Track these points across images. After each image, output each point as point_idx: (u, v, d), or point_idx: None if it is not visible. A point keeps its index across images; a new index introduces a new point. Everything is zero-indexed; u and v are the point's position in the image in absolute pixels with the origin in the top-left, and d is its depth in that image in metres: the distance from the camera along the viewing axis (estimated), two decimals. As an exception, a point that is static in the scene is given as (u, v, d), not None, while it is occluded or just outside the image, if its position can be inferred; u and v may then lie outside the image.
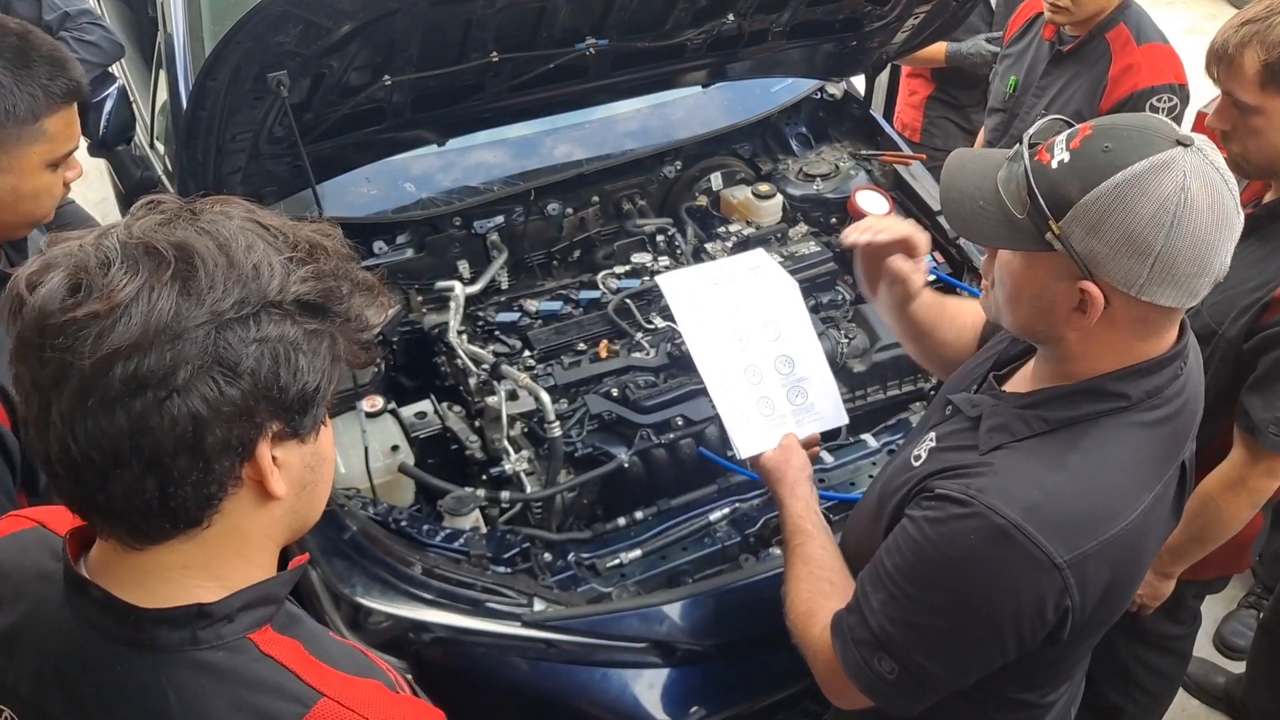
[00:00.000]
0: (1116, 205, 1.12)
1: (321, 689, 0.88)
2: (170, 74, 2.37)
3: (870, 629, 1.30)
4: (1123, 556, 1.25)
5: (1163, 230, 1.11)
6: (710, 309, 1.88)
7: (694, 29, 2.43)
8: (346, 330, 0.88)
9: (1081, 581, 1.21)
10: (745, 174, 3.05)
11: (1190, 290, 1.16)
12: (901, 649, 1.27)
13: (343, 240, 0.92)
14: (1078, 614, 1.23)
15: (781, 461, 1.70)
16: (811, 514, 1.59)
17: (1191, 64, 2.88)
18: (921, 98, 3.85)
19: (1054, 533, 1.19)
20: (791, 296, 1.92)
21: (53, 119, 1.52)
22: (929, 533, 1.25)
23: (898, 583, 1.28)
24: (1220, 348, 1.96)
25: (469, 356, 2.36)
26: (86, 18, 3.16)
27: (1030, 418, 1.27)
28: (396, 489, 2.16)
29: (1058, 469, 1.23)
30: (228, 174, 2.11)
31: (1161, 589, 2.18)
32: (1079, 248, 1.14)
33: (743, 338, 1.85)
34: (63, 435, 0.79)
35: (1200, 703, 2.92)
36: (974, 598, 1.23)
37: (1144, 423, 1.27)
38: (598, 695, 1.90)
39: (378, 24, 1.92)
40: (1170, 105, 2.79)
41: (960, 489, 1.23)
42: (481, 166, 2.78)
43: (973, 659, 1.29)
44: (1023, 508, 1.19)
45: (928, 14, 2.70)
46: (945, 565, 1.23)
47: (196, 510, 0.84)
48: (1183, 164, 1.12)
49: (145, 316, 0.77)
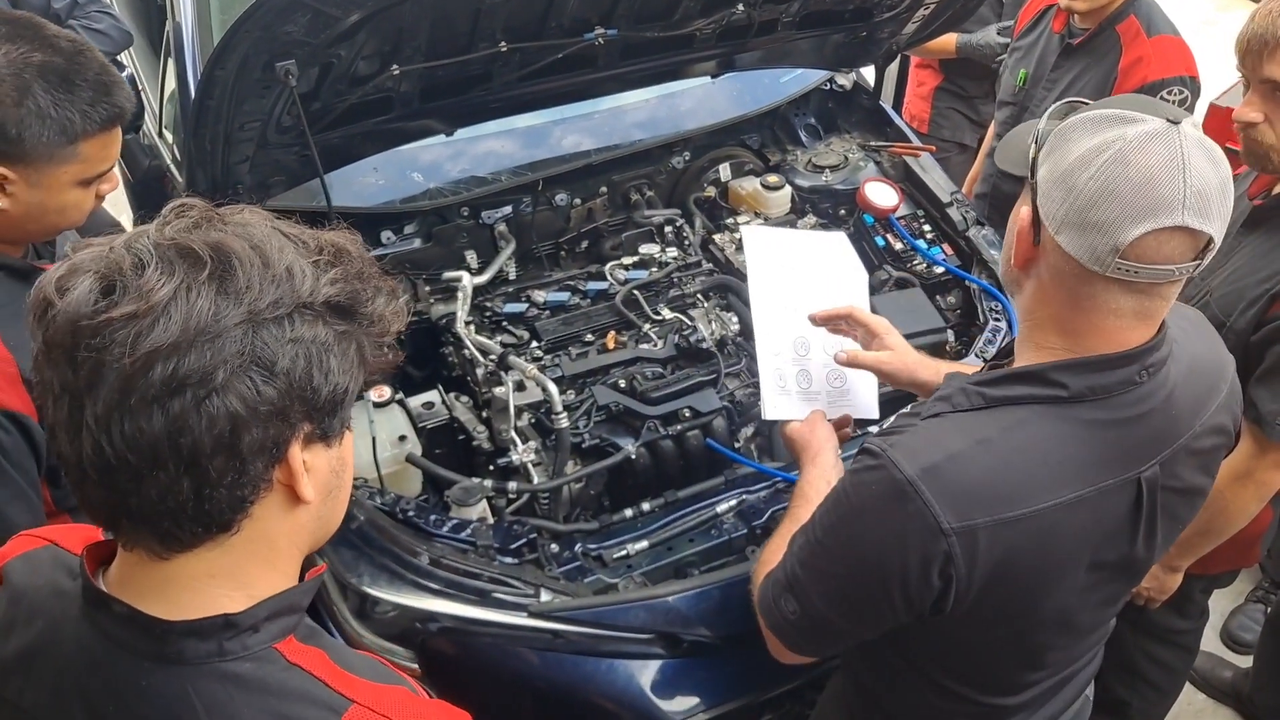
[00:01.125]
0: (1071, 134, 1.17)
1: (351, 696, 0.89)
2: (178, 63, 2.37)
3: (785, 569, 1.38)
4: (1020, 544, 1.23)
5: (1088, 170, 1.14)
6: (781, 272, 1.91)
7: (703, 19, 2.43)
8: (371, 333, 0.89)
9: (968, 553, 1.21)
10: (754, 165, 3.04)
11: (1090, 247, 1.14)
12: (803, 590, 1.34)
13: (362, 244, 0.93)
14: (961, 585, 1.23)
15: (807, 432, 1.74)
16: (821, 482, 1.61)
17: (1204, 56, 2.87)
18: (929, 89, 3.84)
19: (947, 498, 1.20)
20: (859, 287, 1.96)
21: (89, 143, 1.52)
22: (846, 481, 1.31)
23: (815, 528, 1.35)
24: (1228, 340, 1.94)
25: (476, 347, 2.36)
26: (95, 6, 3.17)
27: (971, 392, 1.28)
28: (404, 479, 2.16)
29: (971, 442, 1.23)
30: (235, 163, 2.11)
31: (1169, 582, 2.18)
32: (1037, 174, 1.20)
33: (800, 309, 1.87)
34: (97, 437, 0.78)
35: (1207, 697, 2.92)
36: (865, 547, 1.27)
37: (1081, 419, 1.25)
38: (604, 686, 1.90)
39: (386, 13, 1.91)
40: (1181, 98, 2.78)
41: (877, 444, 1.27)
42: (489, 156, 2.78)
43: (864, 610, 1.32)
44: (922, 467, 1.21)
45: (938, 4, 2.69)
46: (848, 512, 1.29)
47: (230, 513, 0.84)
48: (1148, 127, 1.13)
49: (185, 316, 0.78)
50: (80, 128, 1.49)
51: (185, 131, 2.21)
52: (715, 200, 2.96)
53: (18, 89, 1.44)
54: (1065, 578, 1.31)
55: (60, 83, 1.48)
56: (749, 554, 2.04)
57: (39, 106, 1.46)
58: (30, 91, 1.45)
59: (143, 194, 3.29)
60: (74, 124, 1.48)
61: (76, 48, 1.52)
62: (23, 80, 1.45)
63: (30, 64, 1.46)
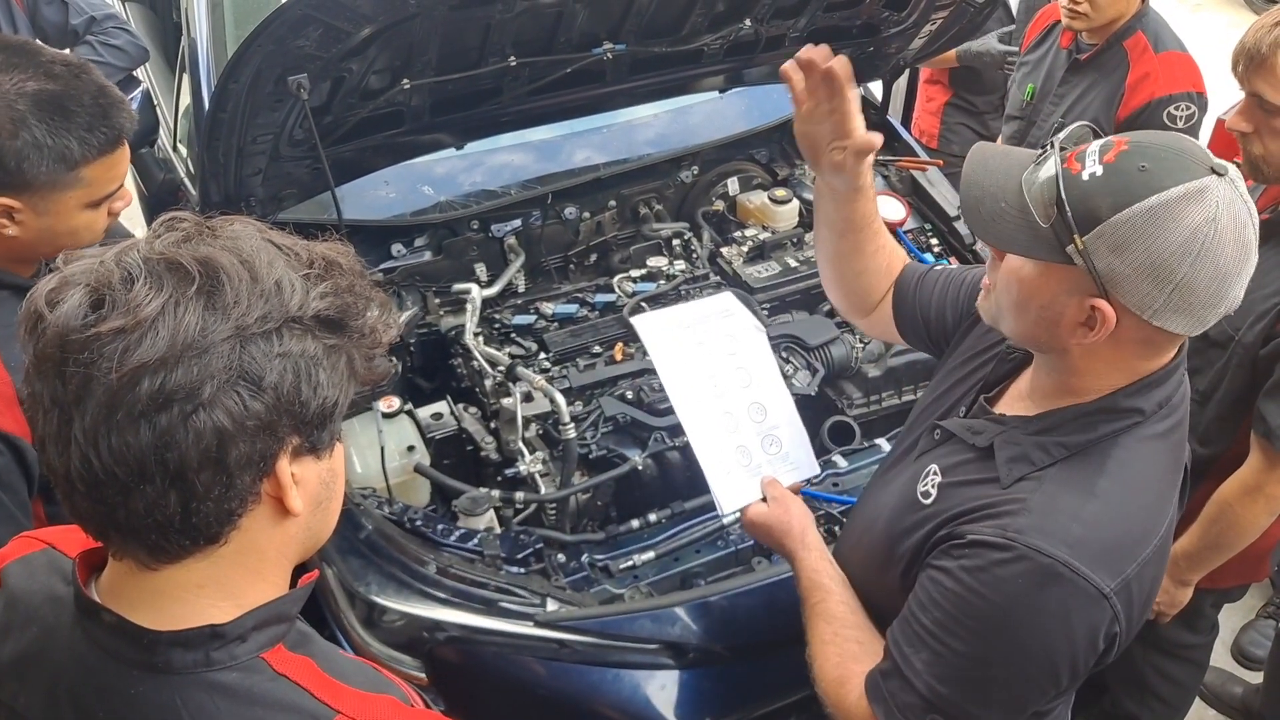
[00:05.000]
0: (1146, 229, 1.09)
1: (337, 706, 0.88)
2: (193, 78, 2.40)
3: (917, 691, 1.25)
4: (1156, 572, 1.26)
5: (1188, 260, 1.08)
6: (686, 352, 1.82)
7: (711, 34, 2.44)
8: (361, 346, 0.89)
9: (1127, 605, 1.20)
10: (761, 179, 3.06)
11: (1201, 320, 1.14)
12: (956, 706, 1.24)
13: (354, 256, 0.93)
14: (1124, 637, 1.22)
15: (782, 513, 1.60)
16: (826, 564, 1.51)
17: (1211, 72, 2.87)
18: (939, 104, 3.85)
19: (1099, 563, 1.17)
20: (760, 343, 1.87)
21: (91, 167, 1.50)
22: (970, 583, 1.21)
23: (941, 639, 1.23)
24: (1237, 354, 1.95)
25: (485, 358, 2.38)
26: (112, 22, 3.21)
27: (1049, 444, 1.25)
28: (412, 489, 2.18)
29: (1090, 497, 1.21)
30: (248, 176, 2.13)
31: (1179, 597, 2.17)
32: (1100, 265, 1.11)
33: (717, 383, 1.80)
34: (85, 451, 0.78)
35: (1217, 712, 2.89)
36: (1028, 642, 1.20)
37: (1157, 434, 1.26)
38: (609, 696, 1.90)
39: (397, 28, 1.94)
40: (1188, 114, 2.78)
41: (996, 532, 1.20)
42: (499, 170, 2.80)
43: (1029, 700, 1.26)
44: (1066, 544, 1.17)
45: (945, 20, 2.70)
46: (994, 613, 1.19)
47: (217, 526, 0.84)
48: (1216, 194, 1.09)
49: (172, 331, 0.77)
50: (79, 154, 1.48)
51: (199, 144, 2.24)
52: (723, 214, 2.98)
53: (13, 120, 1.43)
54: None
55: (56, 110, 1.46)
56: (755, 565, 2.04)
57: (35, 137, 1.44)
58: (25, 123, 1.44)
59: (157, 207, 3.32)
60: (72, 151, 1.47)
61: (73, 72, 1.50)
62: (16, 112, 1.43)
63: (24, 93, 1.44)
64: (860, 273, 1.62)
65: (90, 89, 1.51)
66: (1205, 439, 2.06)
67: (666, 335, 1.84)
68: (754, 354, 1.85)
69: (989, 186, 1.22)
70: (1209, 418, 2.04)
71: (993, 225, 1.21)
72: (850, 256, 1.62)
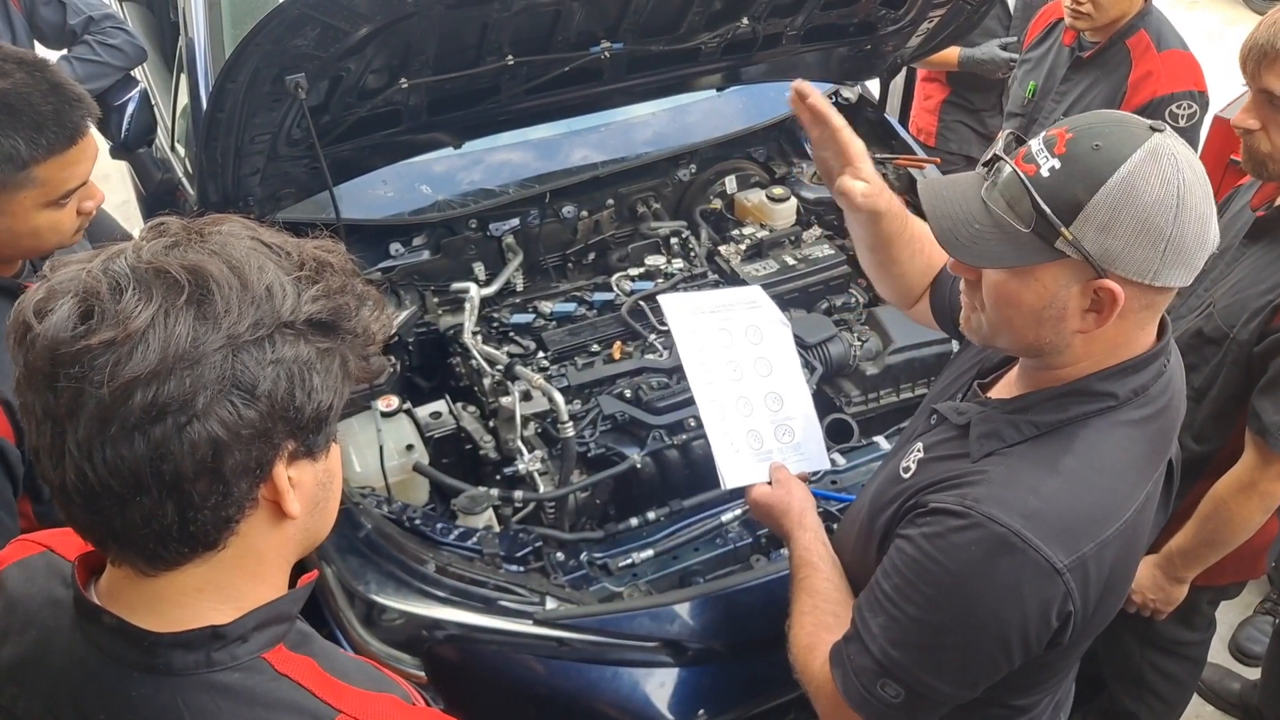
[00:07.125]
0: (1126, 199, 1.12)
1: (338, 705, 0.89)
2: (191, 77, 2.40)
3: (872, 655, 1.28)
4: (1117, 556, 1.25)
5: (1171, 213, 1.12)
6: (708, 335, 1.87)
7: (708, 33, 2.45)
8: (355, 346, 0.88)
9: (1082, 584, 1.21)
10: (759, 177, 3.06)
11: (1195, 266, 1.17)
12: (907, 671, 1.26)
13: (345, 255, 0.92)
14: (1079, 617, 1.23)
15: (784, 495, 1.67)
16: (819, 545, 1.57)
17: (1210, 70, 2.87)
18: (936, 102, 3.85)
19: (1054, 538, 1.19)
20: (784, 336, 1.91)
21: (43, 166, 1.49)
22: (927, 549, 1.23)
23: (898, 604, 1.26)
24: (1231, 351, 1.95)
25: (484, 357, 2.38)
26: (110, 22, 3.20)
27: (1020, 422, 1.27)
28: (411, 488, 2.18)
29: (1052, 473, 1.22)
30: (246, 175, 2.14)
31: (1175, 594, 2.17)
32: (1093, 248, 1.14)
33: (737, 367, 1.85)
34: (79, 463, 0.78)
35: (1215, 709, 2.90)
36: (979, 611, 1.21)
37: (1132, 421, 1.27)
38: (608, 694, 1.91)
39: (395, 27, 1.94)
40: (1190, 112, 2.78)
41: (956, 500, 1.23)
42: (497, 169, 2.80)
43: (981, 672, 1.27)
44: (1022, 515, 1.19)
45: (942, 17, 2.70)
46: (948, 580, 1.22)
47: (215, 533, 0.84)
48: (1167, 147, 1.14)
49: (163, 343, 0.77)
50: (27, 154, 1.46)
51: (197, 144, 2.24)
52: (721, 212, 2.98)
53: None
54: (1135, 572, 1.35)
55: (1, 109, 1.44)
56: (754, 563, 2.05)
57: None
58: None
59: (155, 207, 3.32)
60: (19, 151, 1.45)
61: (26, 70, 1.49)
62: None
63: None
64: (899, 275, 1.69)
65: (42, 87, 1.49)
66: (1200, 436, 2.06)
67: (691, 316, 1.90)
68: (777, 346, 1.90)
69: (955, 215, 1.24)
70: (1204, 415, 2.04)
71: (974, 247, 1.22)
72: (886, 264, 1.69)
